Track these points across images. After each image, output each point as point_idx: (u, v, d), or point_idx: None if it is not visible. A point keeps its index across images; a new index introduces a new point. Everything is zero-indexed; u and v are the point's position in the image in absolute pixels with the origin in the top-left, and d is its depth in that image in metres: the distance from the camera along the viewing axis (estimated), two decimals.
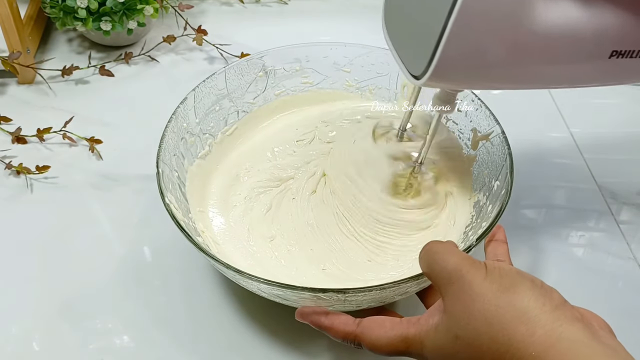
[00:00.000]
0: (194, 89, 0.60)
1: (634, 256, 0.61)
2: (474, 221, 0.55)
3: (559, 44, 0.42)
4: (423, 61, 0.41)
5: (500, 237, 0.49)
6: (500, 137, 0.55)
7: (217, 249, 0.55)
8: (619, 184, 0.68)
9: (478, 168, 0.59)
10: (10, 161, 0.68)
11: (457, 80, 0.44)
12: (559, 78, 0.46)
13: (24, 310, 0.55)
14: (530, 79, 0.45)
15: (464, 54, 0.40)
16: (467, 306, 0.37)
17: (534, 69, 0.43)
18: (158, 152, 0.54)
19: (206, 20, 0.89)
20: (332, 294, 0.44)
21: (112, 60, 0.82)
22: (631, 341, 0.55)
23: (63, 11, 0.77)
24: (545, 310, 0.35)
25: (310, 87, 0.68)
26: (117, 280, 0.58)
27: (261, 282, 0.45)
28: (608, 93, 0.80)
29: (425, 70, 0.41)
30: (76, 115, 0.72)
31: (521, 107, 0.77)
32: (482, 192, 0.56)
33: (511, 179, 0.52)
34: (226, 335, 0.54)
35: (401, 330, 0.41)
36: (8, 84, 0.78)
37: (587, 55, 0.43)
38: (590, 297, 0.58)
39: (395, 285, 0.44)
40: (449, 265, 0.39)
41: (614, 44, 0.43)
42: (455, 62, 0.41)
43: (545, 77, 0.45)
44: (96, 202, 0.65)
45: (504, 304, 0.36)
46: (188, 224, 0.53)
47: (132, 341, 0.53)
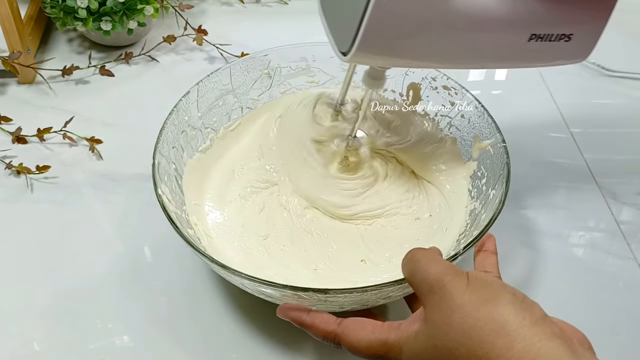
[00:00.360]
0: (197, 83, 0.60)
1: (634, 256, 0.61)
2: (467, 229, 0.54)
3: (479, 22, 0.43)
4: (349, 38, 0.43)
5: (490, 247, 0.48)
6: (500, 146, 0.55)
7: (208, 243, 0.55)
8: (619, 184, 0.68)
9: (475, 176, 0.58)
10: (11, 161, 0.68)
11: (381, 56, 0.45)
12: (481, 58, 0.46)
13: (24, 310, 0.55)
14: (451, 57, 0.46)
15: (386, 30, 0.42)
16: (446, 317, 0.37)
17: (455, 47, 0.45)
18: (156, 144, 0.54)
19: (206, 20, 0.89)
20: (312, 294, 0.44)
21: (113, 60, 0.82)
22: (631, 341, 0.55)
23: (63, 11, 0.77)
24: (525, 324, 0.35)
25: (316, 86, 0.68)
26: (117, 280, 0.58)
27: (243, 278, 0.45)
28: (608, 93, 0.80)
29: (351, 47, 0.43)
30: (76, 115, 0.72)
31: (521, 108, 0.77)
32: (479, 200, 0.56)
33: (506, 189, 0.51)
34: (227, 335, 0.54)
35: (382, 334, 0.40)
36: (8, 84, 0.78)
37: (506, 36, 0.44)
38: (590, 297, 0.58)
39: (377, 288, 0.44)
40: (430, 274, 0.39)
41: (533, 28, 0.44)
42: (378, 38, 0.42)
43: (466, 56, 0.46)
44: (96, 202, 0.65)
45: (483, 316, 0.35)
46: (180, 216, 0.53)
47: (132, 341, 0.53)
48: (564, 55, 0.47)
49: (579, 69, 0.83)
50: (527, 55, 0.46)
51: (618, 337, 0.55)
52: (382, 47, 0.43)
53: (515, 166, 0.53)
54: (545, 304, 0.57)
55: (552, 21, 0.44)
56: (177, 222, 0.50)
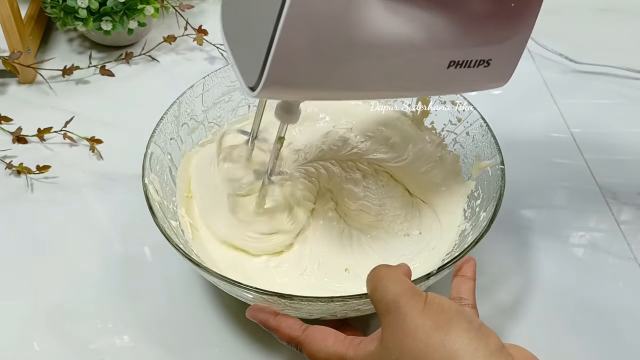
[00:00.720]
0: (204, 77, 0.60)
1: (634, 256, 0.61)
2: (454, 249, 0.53)
3: (394, 50, 0.40)
4: (255, 71, 0.38)
5: (468, 272, 0.47)
6: (498, 168, 0.53)
7: (192, 235, 0.55)
8: (619, 184, 0.68)
9: (472, 196, 0.57)
10: (11, 161, 0.68)
11: (294, 89, 0.40)
12: (400, 86, 0.44)
13: (24, 310, 0.56)
14: (370, 86, 0.42)
15: (296, 62, 0.37)
16: (399, 340, 0.36)
17: (373, 76, 0.41)
18: (152, 133, 0.54)
19: (207, 20, 0.89)
20: (277, 298, 0.44)
21: (113, 60, 0.82)
22: (631, 341, 0.55)
23: (64, 11, 0.77)
24: (478, 355, 0.34)
25: None
26: (117, 280, 0.58)
27: (211, 275, 0.45)
28: (608, 93, 0.80)
29: (259, 81, 0.38)
30: (77, 115, 0.72)
31: (522, 107, 0.77)
32: (470, 221, 0.55)
33: (494, 213, 0.50)
34: (228, 335, 0.54)
35: (341, 349, 0.40)
36: (9, 84, 0.79)
37: (425, 64, 0.42)
38: (590, 297, 0.58)
39: (343, 300, 0.43)
40: (389, 293, 0.38)
41: (451, 55, 0.42)
42: (288, 70, 0.38)
43: (384, 86, 0.43)
44: (97, 202, 0.65)
45: (435, 343, 0.34)
46: (166, 207, 0.53)
47: (132, 341, 0.53)
48: (484, 80, 0.46)
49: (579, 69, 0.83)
50: (447, 81, 0.44)
51: (618, 337, 0.55)
52: (294, 79, 0.38)
53: (515, 166, 0.53)
54: (545, 304, 0.57)
55: (469, 47, 0.42)
56: (158, 212, 0.49)
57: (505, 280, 0.59)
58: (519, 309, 0.56)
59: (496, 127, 0.57)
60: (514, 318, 0.56)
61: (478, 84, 0.46)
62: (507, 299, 0.57)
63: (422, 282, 0.45)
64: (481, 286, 0.58)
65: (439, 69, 0.42)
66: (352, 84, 0.41)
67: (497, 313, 0.56)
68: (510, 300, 0.57)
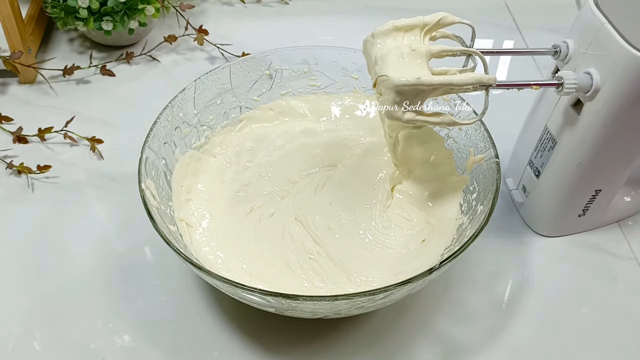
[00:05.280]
0: (195, 80, 0.60)
1: (634, 256, 0.61)
2: (453, 244, 0.53)
3: None
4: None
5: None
6: (493, 161, 0.53)
7: (190, 239, 0.55)
8: None
9: (467, 190, 0.58)
10: (12, 161, 0.68)
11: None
12: None
13: (24, 309, 0.56)
14: None
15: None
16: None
17: None
18: (146, 138, 0.54)
19: (207, 20, 0.89)
20: (280, 298, 0.44)
21: (113, 60, 0.82)
22: (631, 341, 0.55)
23: (64, 11, 0.77)
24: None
25: (317, 89, 0.67)
26: (117, 280, 0.58)
27: (214, 278, 0.45)
28: None
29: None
30: (77, 114, 0.73)
31: (522, 109, 0.77)
32: (467, 215, 0.55)
33: (492, 205, 0.50)
34: (228, 335, 0.54)
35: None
36: (9, 84, 0.79)
37: None
38: (591, 297, 0.58)
39: (348, 298, 0.43)
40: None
41: None
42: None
43: None
44: (97, 201, 0.65)
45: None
46: (164, 212, 0.53)
47: (132, 341, 0.54)
48: None
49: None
50: None
51: (618, 337, 0.55)
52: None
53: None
54: (544, 305, 0.57)
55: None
56: (156, 217, 0.49)
57: (503, 278, 0.59)
58: (519, 309, 0.56)
59: (489, 121, 0.56)
60: (514, 317, 0.56)
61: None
62: (506, 298, 0.57)
63: (424, 277, 0.45)
64: (479, 282, 0.58)
65: None
66: None
67: (495, 310, 0.56)
68: (509, 300, 0.57)
